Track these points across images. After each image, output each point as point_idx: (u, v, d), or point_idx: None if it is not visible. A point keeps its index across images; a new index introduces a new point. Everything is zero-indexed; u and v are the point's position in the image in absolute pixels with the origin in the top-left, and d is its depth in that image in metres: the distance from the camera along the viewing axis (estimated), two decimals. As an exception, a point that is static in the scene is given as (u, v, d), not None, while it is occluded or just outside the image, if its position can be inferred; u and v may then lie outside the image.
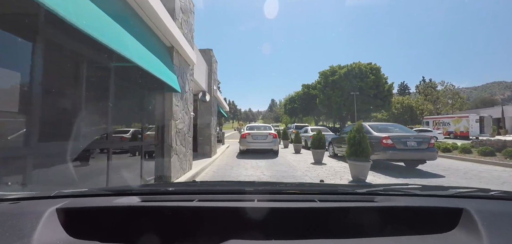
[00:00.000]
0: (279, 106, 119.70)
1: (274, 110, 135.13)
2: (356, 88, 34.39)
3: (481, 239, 0.68)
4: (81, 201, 0.90)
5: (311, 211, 0.84)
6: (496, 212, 0.80)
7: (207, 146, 9.60)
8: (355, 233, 0.79)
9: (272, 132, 10.72)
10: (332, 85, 35.29)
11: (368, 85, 33.95)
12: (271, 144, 10.33)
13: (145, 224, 0.83)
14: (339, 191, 1.12)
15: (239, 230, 0.79)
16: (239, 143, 10.99)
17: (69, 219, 0.79)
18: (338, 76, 34.56)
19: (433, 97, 45.66)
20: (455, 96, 42.78)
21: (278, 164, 8.32)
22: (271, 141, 10.32)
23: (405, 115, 51.86)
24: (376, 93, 34.23)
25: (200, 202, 0.88)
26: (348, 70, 34.87)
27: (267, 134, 10.39)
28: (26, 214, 0.76)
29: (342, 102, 34.93)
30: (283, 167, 7.60)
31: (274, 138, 10.40)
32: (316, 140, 8.83)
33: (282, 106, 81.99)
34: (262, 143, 10.29)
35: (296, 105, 57.19)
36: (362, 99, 34.62)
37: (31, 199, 0.93)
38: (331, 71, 36.18)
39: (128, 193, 1.06)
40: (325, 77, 36.08)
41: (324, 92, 35.99)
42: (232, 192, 1.08)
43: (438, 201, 0.96)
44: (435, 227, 0.78)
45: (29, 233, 0.67)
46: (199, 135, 9.65)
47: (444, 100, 44.13)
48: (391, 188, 1.10)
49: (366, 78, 34.10)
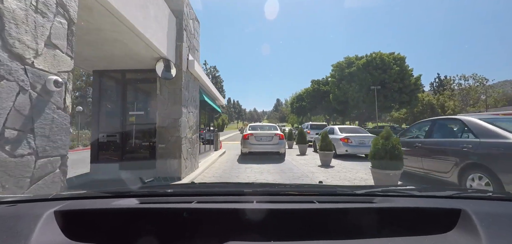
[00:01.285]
0: (285, 105, 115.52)
1: (280, 110, 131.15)
2: (377, 81, 29.65)
3: (479, 240, 0.68)
4: (79, 203, 0.90)
5: (310, 212, 0.84)
6: (495, 213, 0.80)
7: (175, 160, 5.28)
8: (353, 234, 0.79)
9: (278, 132, 9.31)
10: (349, 78, 30.58)
11: (392, 78, 29.16)
12: (277, 146, 8.96)
13: (144, 226, 0.83)
14: (337, 192, 1.12)
15: (237, 232, 0.79)
16: (241, 145, 9.65)
17: (67, 222, 0.79)
18: (355, 68, 29.87)
19: (462, 93, 40.31)
20: (488, 90, 37.34)
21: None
22: (277, 142, 8.95)
23: (425, 114, 46.65)
24: (401, 88, 29.40)
25: (199, 204, 0.88)
26: (368, 61, 30.12)
27: (272, 135, 9.02)
28: (23, 217, 0.76)
29: (361, 98, 30.19)
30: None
31: (281, 139, 9.07)
32: (381, 148, 4.31)
33: (289, 105, 77.30)
34: (266, 145, 8.95)
35: (305, 103, 52.56)
36: (385, 95, 29.83)
37: (29, 201, 0.92)
38: (347, 63, 31.48)
39: (126, 195, 1.06)
40: (340, 70, 31.38)
41: (339, 87, 31.29)
42: (230, 194, 1.08)
43: (436, 201, 0.96)
44: (434, 228, 0.78)
45: (26, 236, 0.67)
46: (160, 139, 5.34)
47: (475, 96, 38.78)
48: (389, 189, 1.11)
49: (389, 70, 29.29)
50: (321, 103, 46.85)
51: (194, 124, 6.61)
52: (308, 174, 6.29)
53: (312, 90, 47.85)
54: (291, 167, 7.50)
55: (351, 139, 9.71)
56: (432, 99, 50.01)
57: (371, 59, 29.99)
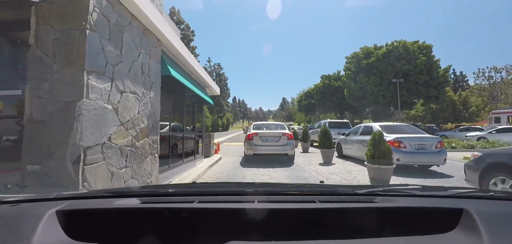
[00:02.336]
0: (292, 103, 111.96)
1: (286, 109, 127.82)
2: (400, 73, 25.96)
3: (481, 239, 0.67)
4: (81, 203, 0.90)
5: (311, 212, 0.84)
6: (497, 213, 0.80)
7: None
8: (355, 234, 0.78)
9: (286, 131, 8.09)
10: (367, 70, 26.98)
11: (417, 69, 25.43)
12: (285, 147, 7.76)
13: (145, 225, 0.83)
14: (339, 192, 1.12)
15: (239, 231, 0.79)
16: (244, 146, 8.56)
17: (69, 221, 0.79)
18: (374, 58, 26.25)
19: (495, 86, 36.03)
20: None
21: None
22: (285, 143, 7.76)
23: (445, 112, 42.37)
24: (427, 81, 25.63)
25: (200, 204, 0.88)
26: (389, 50, 26.45)
27: (280, 135, 7.84)
28: (25, 216, 0.76)
29: (380, 92, 26.57)
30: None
31: (290, 140, 7.86)
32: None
33: (296, 103, 73.79)
34: (273, 146, 7.76)
35: (314, 100, 49.00)
36: (408, 88, 26.12)
37: (31, 201, 0.92)
38: (365, 53, 27.85)
39: (128, 194, 1.04)
40: (357, 61, 27.78)
41: (355, 80, 27.70)
42: (232, 193, 1.08)
43: (438, 201, 0.96)
44: (435, 227, 0.78)
45: (28, 235, 0.68)
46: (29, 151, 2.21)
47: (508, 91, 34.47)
48: (391, 189, 1.10)
49: (415, 60, 25.55)
50: (331, 100, 43.24)
51: (143, 117, 3.44)
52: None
53: (322, 86, 44.24)
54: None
55: (405, 142, 6.67)
56: (452, 95, 45.66)
57: (393, 49, 26.30)
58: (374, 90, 26.45)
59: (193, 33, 48.09)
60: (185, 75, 5.49)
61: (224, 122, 77.26)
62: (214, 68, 78.18)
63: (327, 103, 44.61)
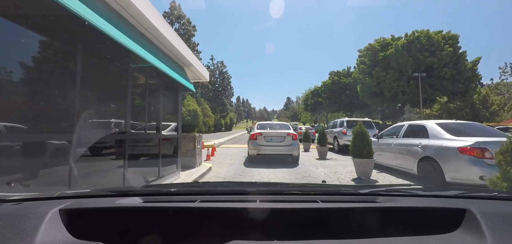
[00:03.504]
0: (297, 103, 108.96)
1: (291, 108, 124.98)
2: (422, 66, 23.04)
3: (484, 240, 0.66)
4: (84, 202, 0.90)
5: (313, 212, 0.84)
6: (500, 213, 0.79)
7: None
8: (357, 233, 0.78)
9: (291, 131, 7.84)
10: (384, 63, 24.12)
11: (442, 62, 22.47)
12: (290, 148, 7.50)
13: (148, 224, 0.83)
14: (341, 192, 1.11)
15: (241, 231, 0.79)
16: (248, 146, 8.20)
17: (72, 220, 0.79)
18: (393, 50, 23.37)
19: None
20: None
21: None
22: (289, 143, 7.52)
23: (463, 111, 39.06)
24: (454, 75, 22.65)
25: (202, 203, 0.88)
26: (409, 41, 23.53)
27: (284, 135, 7.57)
28: (29, 215, 0.76)
29: (400, 88, 23.69)
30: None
31: (294, 140, 7.62)
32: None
33: (302, 102, 70.87)
34: (277, 147, 7.50)
35: (321, 99, 46.16)
36: (432, 84, 23.19)
37: (34, 200, 0.92)
38: (382, 45, 24.97)
39: (131, 193, 1.05)
40: (373, 54, 24.91)
41: (371, 75, 24.86)
42: (234, 193, 1.07)
43: (440, 201, 0.95)
44: (438, 228, 0.77)
45: (32, 234, 0.68)
46: None
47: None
48: (393, 189, 1.09)
49: (440, 51, 22.58)
50: (340, 98, 40.40)
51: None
52: None
53: (331, 83, 41.37)
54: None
55: (492, 150, 4.06)
56: (481, 91, 42.17)
57: (414, 39, 23.37)
58: (392, 85, 23.57)
59: (194, 28, 45.77)
60: (133, 36, 2.99)
61: (227, 122, 74.83)
62: (217, 66, 75.85)
63: (336, 101, 41.72)
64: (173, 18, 42.78)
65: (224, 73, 76.20)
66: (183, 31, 43.82)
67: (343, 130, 12.03)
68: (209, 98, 63.61)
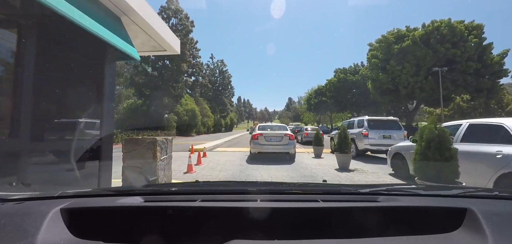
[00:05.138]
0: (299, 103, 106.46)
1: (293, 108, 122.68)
2: (443, 60, 20.57)
3: (485, 239, 0.66)
4: (85, 201, 0.90)
5: (314, 211, 0.84)
6: (501, 212, 0.79)
7: None
8: (358, 233, 0.77)
9: (288, 132, 8.76)
10: (400, 57, 21.67)
11: (466, 54, 19.99)
12: (287, 146, 8.41)
13: (149, 224, 0.83)
14: (342, 191, 1.10)
15: (242, 230, 0.79)
16: (250, 145, 9.19)
17: (73, 219, 0.80)
18: (410, 41, 20.92)
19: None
20: None
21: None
22: (287, 143, 8.42)
23: (477, 111, 36.49)
24: (478, 69, 20.15)
25: (203, 202, 0.88)
26: (428, 32, 21.06)
27: (282, 135, 8.50)
28: (30, 214, 0.77)
29: (418, 84, 21.23)
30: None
31: (291, 140, 8.54)
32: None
33: (305, 101, 68.36)
34: (276, 146, 8.41)
35: (326, 98, 43.71)
36: (453, 79, 20.71)
37: (35, 199, 0.93)
38: (396, 37, 22.51)
39: (131, 193, 1.05)
40: (387, 47, 22.46)
41: (385, 70, 22.40)
42: (234, 192, 1.06)
43: (441, 201, 0.94)
44: (439, 227, 0.77)
45: (33, 233, 0.68)
46: None
47: None
48: (394, 188, 1.09)
49: (463, 43, 20.11)
50: (347, 97, 37.96)
51: None
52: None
53: (337, 81, 38.89)
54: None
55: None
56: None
57: (433, 30, 20.89)
58: (409, 81, 21.11)
59: (192, 24, 43.45)
60: None
61: (227, 122, 72.40)
62: (217, 65, 73.56)
63: (342, 100, 39.26)
64: (169, 13, 40.49)
65: (224, 72, 73.84)
66: (181, 27, 41.55)
67: (363, 131, 9.59)
68: (208, 98, 61.21)
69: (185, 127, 39.30)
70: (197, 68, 49.83)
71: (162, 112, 35.41)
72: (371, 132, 9.43)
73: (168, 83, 38.95)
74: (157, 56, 39.09)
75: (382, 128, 9.59)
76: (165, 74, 39.32)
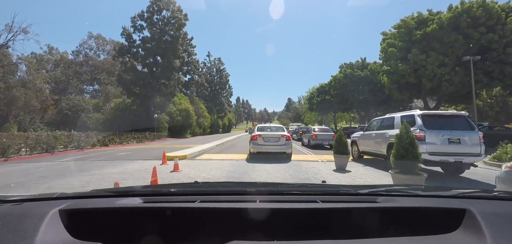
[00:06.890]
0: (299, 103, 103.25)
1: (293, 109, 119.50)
2: (475, 47, 17.39)
3: (484, 240, 0.66)
4: (84, 202, 0.90)
5: (313, 212, 0.83)
6: (500, 213, 0.78)
7: None
8: (357, 233, 0.76)
9: (285, 133, 9.46)
10: (423, 44, 18.46)
11: (504, 40, 16.82)
12: (284, 147, 9.03)
13: (148, 225, 0.82)
14: (341, 192, 1.09)
15: (241, 231, 0.78)
16: (249, 145, 9.66)
17: (72, 221, 0.79)
18: (435, 26, 17.73)
19: None
20: None
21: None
22: (284, 143, 9.05)
23: (494, 110, 33.37)
24: (518, 57, 16.96)
25: (202, 203, 0.87)
26: (457, 14, 17.85)
27: (280, 136, 9.18)
28: (29, 215, 0.76)
29: (445, 76, 18.01)
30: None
31: (288, 140, 9.14)
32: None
33: (306, 101, 65.08)
34: (274, 146, 9.04)
35: (329, 97, 40.50)
36: (486, 70, 17.52)
37: (34, 200, 0.92)
38: (418, 22, 19.31)
39: (130, 194, 1.04)
40: (407, 33, 19.24)
41: (405, 60, 19.15)
42: (234, 193, 1.06)
43: (440, 201, 0.94)
44: (438, 227, 0.76)
45: (31, 234, 0.67)
46: None
47: None
48: (393, 189, 1.08)
49: (501, 25, 16.94)
50: (353, 95, 34.83)
51: None
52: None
53: (342, 77, 35.68)
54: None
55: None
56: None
57: (463, 12, 17.70)
58: (435, 72, 17.89)
59: (185, 17, 39.93)
60: None
61: (225, 123, 68.89)
62: (214, 63, 70.20)
63: (348, 98, 36.05)
64: (161, 4, 37.19)
65: (222, 70, 70.48)
66: (173, 20, 38.32)
67: (417, 132, 6.31)
68: (205, 98, 57.77)
69: (178, 127, 35.94)
70: (193, 66, 46.38)
71: (152, 112, 32.01)
72: (428, 134, 6.15)
73: (159, 81, 35.56)
74: (147, 52, 35.76)
75: (445, 127, 6.30)
76: (156, 71, 35.96)
